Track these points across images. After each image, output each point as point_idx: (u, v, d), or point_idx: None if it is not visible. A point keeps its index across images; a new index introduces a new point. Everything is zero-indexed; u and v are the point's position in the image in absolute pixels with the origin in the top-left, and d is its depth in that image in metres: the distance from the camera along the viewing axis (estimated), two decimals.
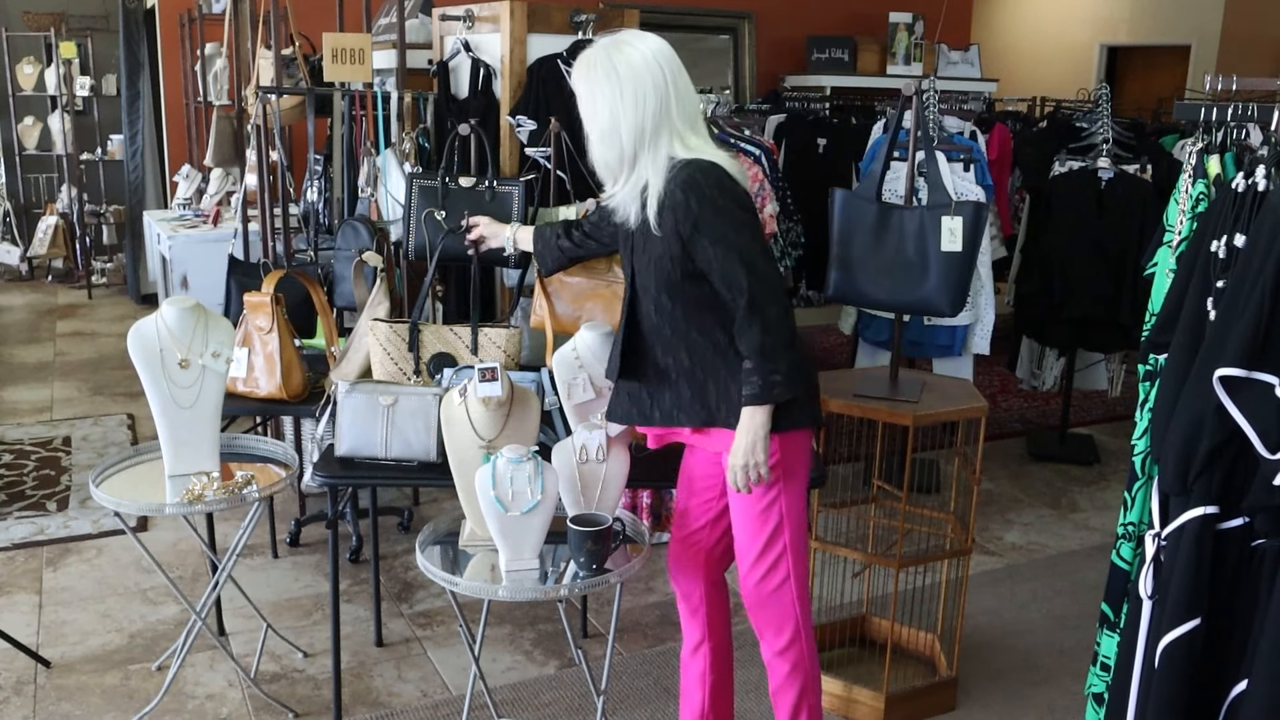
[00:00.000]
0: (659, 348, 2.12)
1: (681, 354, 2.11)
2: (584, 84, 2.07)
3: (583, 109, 2.09)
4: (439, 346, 2.58)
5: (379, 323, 2.61)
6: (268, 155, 3.88)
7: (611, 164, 2.08)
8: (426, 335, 2.59)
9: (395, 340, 2.59)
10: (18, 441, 4.80)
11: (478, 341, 2.58)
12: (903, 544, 2.78)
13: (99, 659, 3.01)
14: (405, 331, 2.58)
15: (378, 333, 2.60)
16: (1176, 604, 1.77)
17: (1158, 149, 4.94)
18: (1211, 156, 2.03)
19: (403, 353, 2.58)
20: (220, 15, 5.63)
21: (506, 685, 2.92)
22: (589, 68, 2.05)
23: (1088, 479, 4.68)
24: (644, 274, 2.11)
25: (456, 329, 2.60)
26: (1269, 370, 1.63)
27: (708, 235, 2.01)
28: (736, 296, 2.01)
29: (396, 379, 2.56)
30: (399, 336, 2.58)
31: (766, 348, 2.00)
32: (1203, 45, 8.10)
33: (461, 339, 2.59)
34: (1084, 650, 3.07)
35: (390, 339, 2.58)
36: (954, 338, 4.27)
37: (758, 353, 2.01)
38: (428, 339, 2.58)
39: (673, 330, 2.10)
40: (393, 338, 2.58)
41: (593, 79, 2.05)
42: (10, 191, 8.84)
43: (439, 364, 2.56)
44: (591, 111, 2.07)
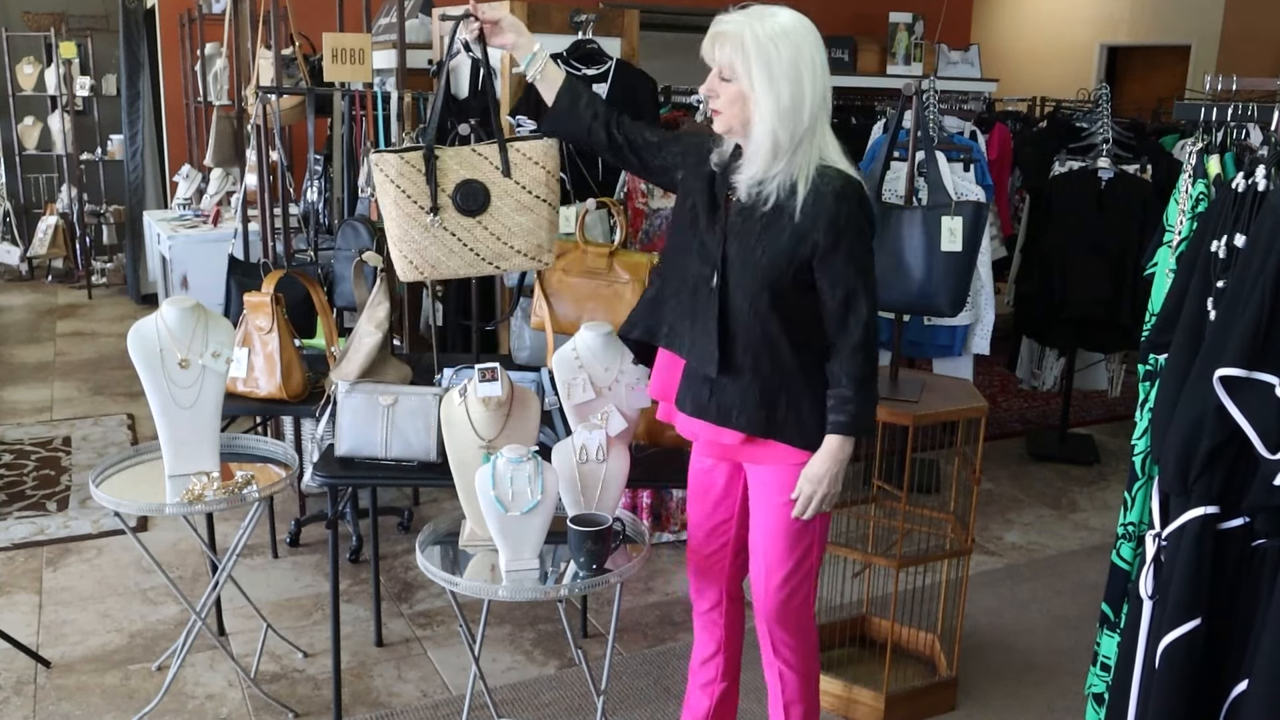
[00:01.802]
0: (740, 345, 2.02)
1: (764, 359, 2.02)
2: (766, 53, 1.90)
3: (756, 77, 1.91)
4: (464, 173, 2.23)
5: (385, 154, 2.23)
6: (268, 155, 3.88)
7: (782, 144, 1.92)
8: (447, 161, 2.24)
9: (409, 173, 2.22)
10: (18, 441, 4.80)
11: (509, 160, 2.26)
12: (903, 544, 2.78)
13: (99, 659, 3.01)
14: (420, 161, 2.22)
15: (386, 167, 2.22)
16: (1177, 604, 1.77)
17: (1158, 149, 4.94)
18: (1211, 156, 2.03)
19: (420, 187, 2.22)
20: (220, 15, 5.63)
21: (506, 685, 2.92)
22: (778, 36, 1.91)
23: (1088, 479, 4.68)
24: (746, 265, 1.98)
25: (481, 148, 2.27)
26: (1269, 370, 1.63)
27: (845, 254, 1.94)
28: (852, 324, 1.96)
29: (416, 219, 2.23)
30: (413, 168, 2.21)
31: (867, 380, 1.98)
32: (1203, 45, 8.10)
33: (489, 160, 2.26)
34: (1084, 650, 3.07)
35: (404, 172, 2.21)
36: (954, 338, 4.27)
37: (858, 383, 1.97)
38: (449, 165, 2.23)
39: (764, 332, 2.00)
40: (406, 170, 2.21)
41: (777, 51, 1.90)
42: (10, 191, 8.84)
43: (468, 195, 2.23)
44: (768, 83, 1.90)
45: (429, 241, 2.26)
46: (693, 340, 2.07)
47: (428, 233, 2.25)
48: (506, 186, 2.26)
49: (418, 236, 2.25)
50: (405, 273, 2.29)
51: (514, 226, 2.28)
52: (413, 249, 2.26)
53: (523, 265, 2.32)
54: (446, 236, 2.26)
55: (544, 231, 2.31)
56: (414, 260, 2.27)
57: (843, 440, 2.00)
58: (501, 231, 2.28)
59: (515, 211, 2.27)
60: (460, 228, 2.27)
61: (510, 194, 2.27)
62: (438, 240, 2.26)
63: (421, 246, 2.26)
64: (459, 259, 2.27)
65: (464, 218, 2.26)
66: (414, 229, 2.25)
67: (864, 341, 1.98)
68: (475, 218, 2.26)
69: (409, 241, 2.25)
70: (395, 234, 2.26)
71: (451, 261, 2.27)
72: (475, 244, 2.27)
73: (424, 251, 2.27)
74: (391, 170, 2.23)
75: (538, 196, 2.29)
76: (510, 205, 2.27)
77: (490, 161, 2.27)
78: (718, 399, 2.07)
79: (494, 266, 2.30)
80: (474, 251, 2.28)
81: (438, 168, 2.24)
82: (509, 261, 2.31)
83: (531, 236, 2.30)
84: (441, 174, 2.24)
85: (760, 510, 2.15)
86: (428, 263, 2.27)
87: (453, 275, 2.30)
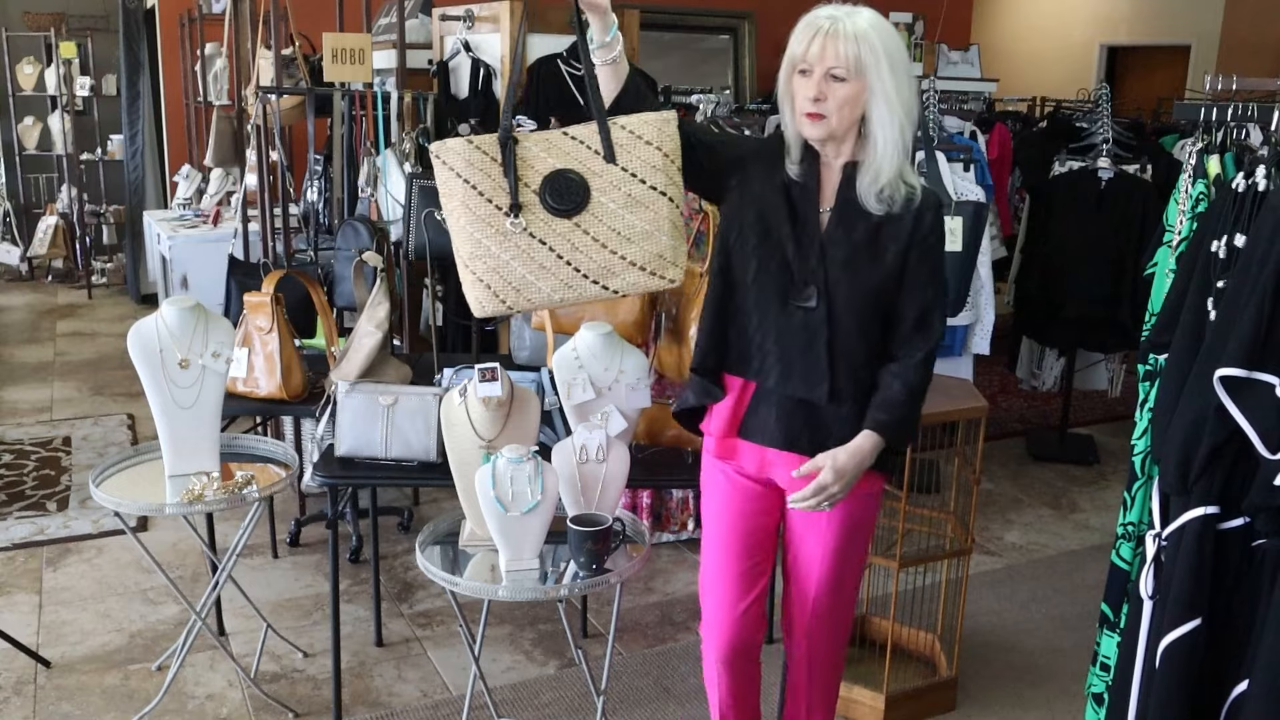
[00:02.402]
0: (844, 369, 1.88)
1: (865, 382, 1.90)
2: (890, 48, 1.79)
3: (886, 74, 1.78)
4: (553, 161, 1.75)
5: (451, 146, 1.77)
6: (268, 155, 3.88)
7: (908, 147, 1.84)
8: (530, 148, 1.75)
9: (481, 163, 1.75)
10: (18, 441, 4.80)
11: (612, 141, 1.76)
12: (903, 544, 2.78)
13: (99, 659, 3.01)
14: (494, 147, 1.75)
15: (450, 157, 1.76)
16: (1177, 604, 1.77)
17: (1158, 149, 4.94)
18: (1211, 156, 2.03)
19: (495, 181, 1.73)
20: (220, 15, 5.63)
21: (506, 685, 2.92)
22: (890, 32, 1.81)
23: (1088, 479, 4.67)
24: (854, 284, 1.85)
25: (575, 129, 1.79)
26: (1269, 370, 1.63)
27: (930, 269, 1.88)
28: (922, 339, 1.89)
29: (490, 222, 1.72)
30: (486, 156, 1.74)
31: (920, 393, 1.91)
32: (1203, 45, 8.10)
33: (585, 143, 1.77)
34: (1084, 650, 3.07)
35: (474, 164, 1.74)
36: (954, 338, 4.27)
37: (912, 393, 1.89)
38: (532, 153, 1.75)
39: (867, 358, 1.89)
40: (479, 160, 1.74)
41: (898, 46, 1.81)
42: (10, 191, 8.84)
43: (560, 189, 1.75)
44: (894, 80, 1.79)
45: (510, 254, 1.72)
46: (788, 365, 1.89)
47: (507, 241, 1.72)
48: (611, 176, 1.74)
49: (494, 248, 1.72)
50: (482, 303, 1.76)
51: (624, 228, 1.74)
52: (488, 266, 1.72)
53: (640, 283, 1.77)
54: (534, 246, 1.73)
55: (664, 235, 1.75)
56: (491, 282, 1.73)
57: (877, 442, 1.89)
58: (608, 236, 1.74)
59: (624, 208, 1.74)
60: (552, 233, 1.74)
61: (617, 185, 1.75)
62: (522, 252, 1.73)
63: (500, 262, 1.71)
64: (553, 277, 1.73)
65: (556, 219, 1.74)
66: (489, 238, 1.72)
67: (930, 357, 1.90)
68: (571, 219, 1.74)
69: (483, 257, 1.73)
70: (465, 249, 1.75)
71: (544, 282, 1.73)
72: (574, 255, 1.73)
73: (503, 269, 1.72)
74: (457, 160, 1.75)
75: (653, 187, 1.75)
76: (617, 200, 1.74)
77: (587, 145, 1.76)
78: (812, 428, 1.92)
79: (600, 286, 1.74)
80: (572, 266, 1.73)
81: (518, 156, 1.74)
82: (620, 278, 1.75)
83: (648, 242, 1.75)
84: (524, 165, 1.74)
85: (828, 545, 2.01)
86: (509, 284, 1.72)
87: (546, 303, 1.77)
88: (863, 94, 1.79)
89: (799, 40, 1.82)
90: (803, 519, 2.02)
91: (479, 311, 1.76)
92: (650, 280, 1.77)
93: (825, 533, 2.01)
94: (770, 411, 1.95)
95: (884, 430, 1.88)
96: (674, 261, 1.77)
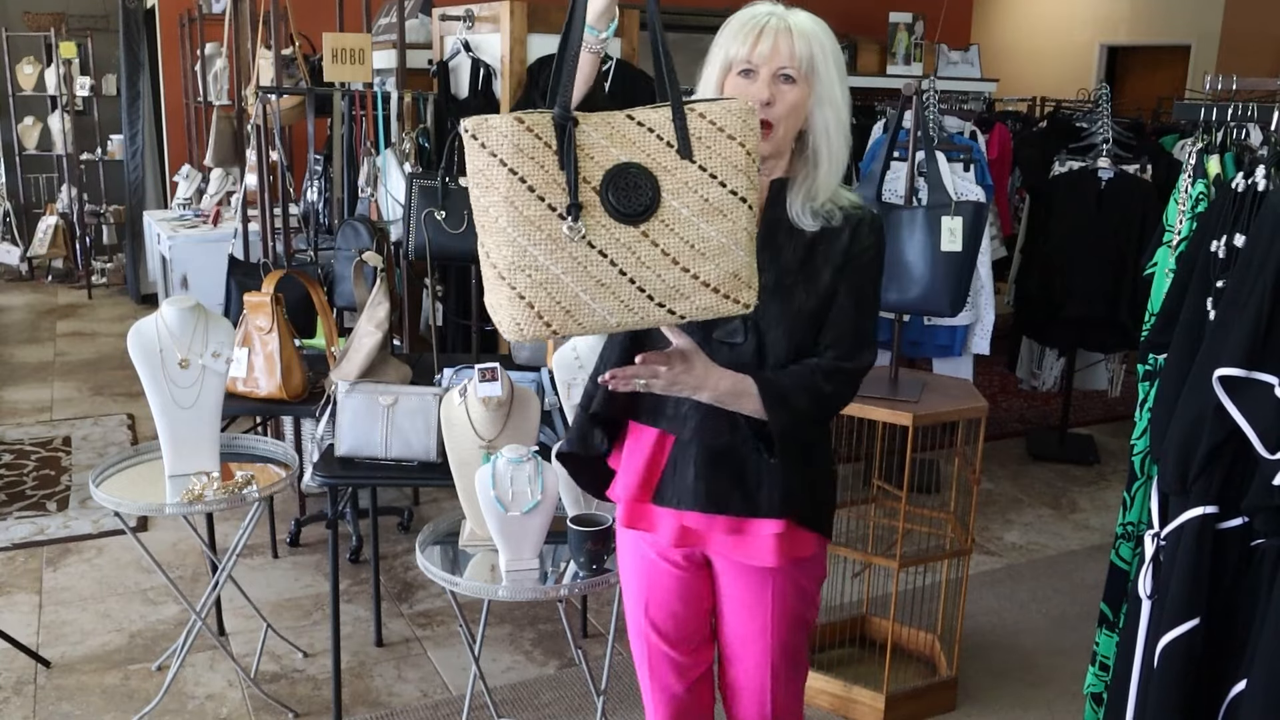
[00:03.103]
0: None
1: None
2: (835, 49, 1.61)
3: (834, 76, 1.59)
4: (617, 152, 1.40)
5: (496, 125, 1.36)
6: (268, 155, 3.88)
7: (845, 160, 1.64)
8: (590, 133, 1.39)
9: (535, 150, 1.37)
10: (18, 441, 4.80)
11: (688, 133, 1.42)
12: (903, 544, 2.78)
13: (99, 659, 3.01)
14: (548, 129, 1.38)
15: (493, 139, 1.36)
16: (1176, 604, 1.77)
17: (1158, 149, 4.94)
18: (1211, 156, 2.03)
19: (549, 174, 1.37)
20: (220, 15, 5.63)
21: (506, 685, 2.92)
22: (824, 38, 1.60)
23: (1087, 479, 4.67)
24: (785, 313, 1.60)
25: (642, 113, 1.43)
26: (1269, 370, 1.63)
27: (856, 288, 1.62)
28: (833, 351, 1.61)
29: (542, 227, 1.36)
30: (540, 141, 1.37)
31: (816, 397, 1.59)
32: (1203, 45, 8.10)
33: (655, 131, 1.42)
34: (1083, 650, 3.07)
35: (523, 149, 1.36)
36: (954, 338, 4.27)
37: (809, 388, 1.59)
38: (593, 139, 1.39)
39: None
40: (529, 145, 1.36)
41: (836, 47, 1.62)
42: (10, 191, 8.84)
43: (625, 188, 1.39)
44: (840, 83, 1.60)
45: (563, 266, 1.35)
46: (710, 411, 1.60)
47: (560, 251, 1.35)
48: (686, 175, 1.41)
49: (543, 258, 1.35)
50: (521, 325, 1.36)
51: (698, 240, 1.40)
52: (534, 280, 1.35)
53: (711, 307, 1.41)
54: (592, 258, 1.36)
55: (741, 250, 1.41)
56: (536, 300, 1.35)
57: (751, 389, 1.55)
58: (679, 249, 1.39)
59: (700, 216, 1.40)
60: (614, 243, 1.37)
61: (692, 187, 1.41)
62: (577, 264, 1.35)
63: (549, 276, 1.35)
64: (612, 297, 1.37)
65: (620, 226, 1.38)
66: (537, 245, 1.35)
67: (841, 372, 1.61)
68: (638, 226, 1.39)
69: (529, 269, 1.35)
70: (504, 258, 1.35)
71: (601, 303, 1.36)
72: (639, 270, 1.38)
73: (553, 285, 1.35)
74: (503, 144, 1.35)
75: (733, 191, 1.41)
76: (692, 205, 1.40)
77: (658, 135, 1.41)
78: (743, 485, 1.64)
79: (665, 310, 1.39)
80: (636, 284, 1.38)
81: (577, 143, 1.37)
82: (689, 301, 1.40)
83: (724, 258, 1.40)
84: (583, 156, 1.38)
85: (764, 617, 1.74)
86: (559, 304, 1.35)
87: (599, 327, 1.40)
88: (808, 100, 1.57)
89: (739, 38, 1.58)
90: (737, 599, 1.74)
91: (515, 336, 1.35)
92: (723, 304, 1.40)
93: (765, 613, 1.73)
94: (689, 469, 1.65)
95: (765, 386, 1.55)
96: (749, 283, 1.41)
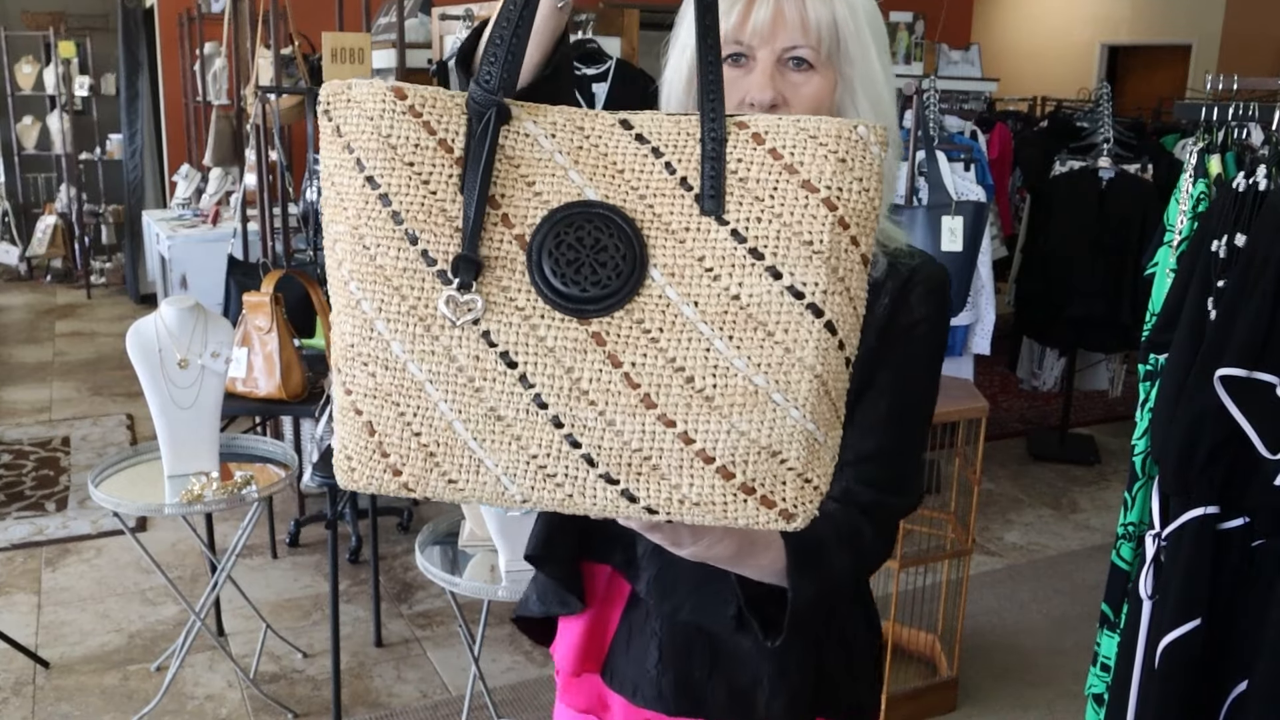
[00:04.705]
0: None
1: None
2: (852, 21, 1.02)
3: (873, 51, 1.03)
4: (582, 185, 0.76)
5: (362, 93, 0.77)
6: (267, 155, 3.88)
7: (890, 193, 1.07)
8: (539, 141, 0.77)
9: (423, 153, 0.76)
10: (16, 442, 4.80)
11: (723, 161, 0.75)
12: (903, 544, 2.77)
13: (98, 659, 3.00)
14: (453, 122, 0.76)
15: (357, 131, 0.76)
16: (1177, 604, 1.76)
17: (1159, 148, 4.94)
18: (1212, 156, 2.03)
19: (439, 199, 0.75)
20: (219, 14, 5.63)
21: (506, 685, 2.92)
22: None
23: (1088, 479, 4.67)
24: None
25: (641, 123, 0.77)
26: (1269, 370, 1.63)
27: (906, 381, 1.05)
28: (879, 486, 1.03)
29: (404, 287, 0.74)
30: (435, 140, 0.76)
31: (862, 558, 1.02)
32: (1204, 45, 8.10)
33: (665, 154, 0.76)
34: (1084, 650, 3.06)
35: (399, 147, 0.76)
36: (954, 338, 4.27)
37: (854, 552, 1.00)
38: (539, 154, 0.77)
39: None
40: (409, 141, 0.76)
41: (871, 21, 1.04)
42: (9, 191, 8.84)
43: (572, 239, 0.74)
44: (881, 62, 1.04)
45: (431, 372, 0.75)
46: (672, 566, 1.07)
47: (431, 342, 0.75)
48: (705, 243, 0.75)
49: (400, 350, 0.75)
50: (350, 458, 0.78)
51: (703, 369, 0.73)
52: (378, 387, 0.76)
53: (717, 506, 0.74)
54: (490, 366, 0.74)
55: (797, 408, 0.73)
56: (380, 422, 0.76)
57: (780, 542, 0.93)
58: (661, 379, 0.73)
59: (716, 324, 0.74)
60: (536, 346, 0.74)
61: (711, 266, 0.74)
62: (458, 374, 0.75)
63: (406, 384, 0.75)
64: (515, 448, 0.74)
65: (555, 317, 0.74)
66: (395, 324, 0.75)
67: (884, 523, 1.04)
68: (588, 322, 0.74)
69: (373, 362, 0.76)
70: (345, 332, 0.77)
71: (494, 454, 0.75)
72: (575, 407, 0.74)
73: (409, 399, 0.75)
74: (364, 131, 0.77)
75: (797, 289, 0.74)
76: (705, 301, 0.74)
77: (666, 160, 0.77)
78: (725, 675, 1.09)
79: (619, 490, 0.73)
80: (565, 429, 0.74)
81: (506, 155, 0.76)
82: (671, 483, 0.74)
83: (758, 417, 0.73)
84: (511, 172, 0.76)
85: None
86: (417, 439, 0.76)
87: (491, 496, 0.76)
88: (833, 94, 1.02)
89: (722, 5, 0.94)
90: None
91: (343, 480, 0.78)
92: (740, 505, 0.73)
93: None
94: (648, 646, 1.12)
95: (798, 559, 0.93)
96: (804, 474, 0.74)
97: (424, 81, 4.47)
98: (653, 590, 1.10)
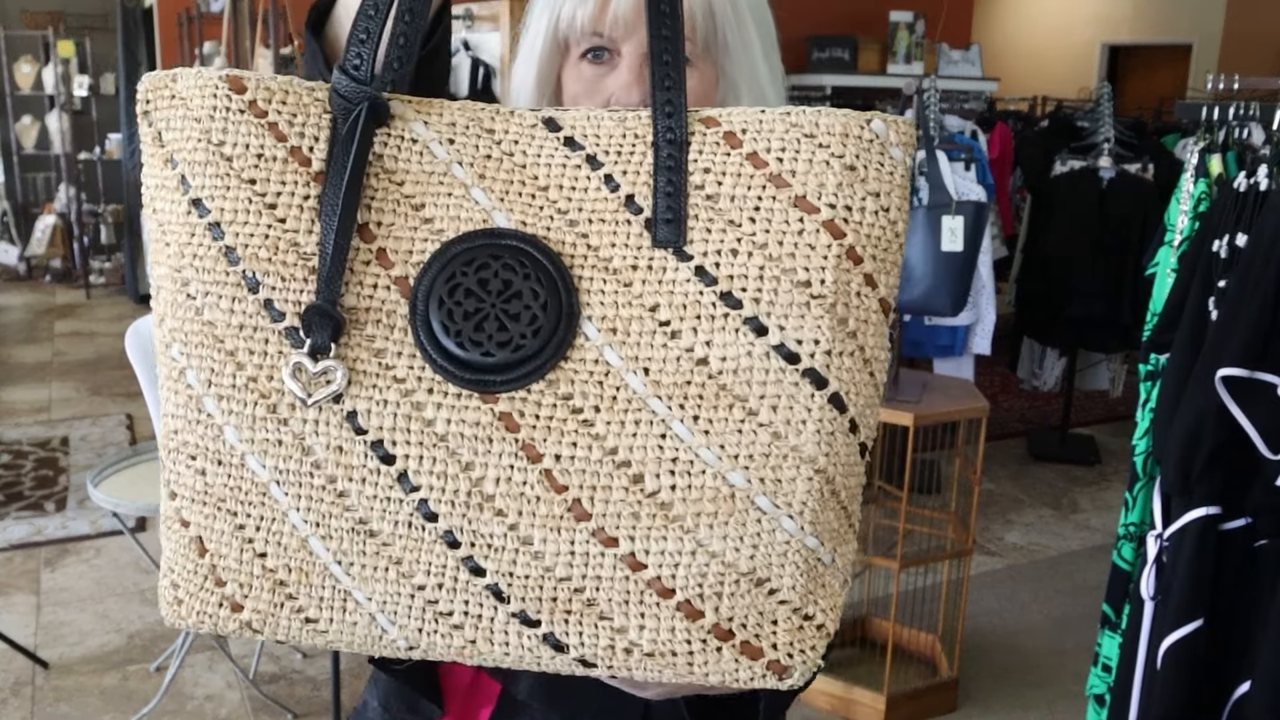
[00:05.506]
0: None
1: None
2: (730, 8, 0.86)
3: (734, 57, 0.85)
4: (490, 208, 0.56)
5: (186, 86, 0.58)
6: None
7: None
8: (430, 147, 0.57)
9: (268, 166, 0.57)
10: (15, 442, 4.79)
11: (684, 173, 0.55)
12: (903, 544, 2.77)
13: (97, 660, 3.00)
14: (312, 119, 0.57)
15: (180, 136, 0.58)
16: (1178, 605, 1.76)
17: (1159, 148, 4.93)
18: (1213, 156, 2.03)
19: (287, 228, 0.55)
20: (219, 14, 5.62)
21: None
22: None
23: (1089, 479, 4.67)
24: None
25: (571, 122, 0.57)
26: (1271, 370, 1.62)
27: None
28: None
29: (242, 348, 0.55)
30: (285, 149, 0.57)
31: None
32: (1204, 44, 8.10)
33: (603, 165, 0.57)
34: (1085, 651, 3.06)
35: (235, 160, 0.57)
36: (955, 338, 4.26)
37: None
38: (430, 164, 0.57)
39: None
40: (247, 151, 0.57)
41: (754, 8, 0.88)
42: (8, 191, 8.84)
43: (473, 283, 0.54)
44: (755, 77, 0.87)
45: (277, 469, 0.55)
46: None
47: (279, 427, 0.55)
48: (659, 289, 0.54)
49: (235, 439, 0.56)
50: (177, 586, 0.59)
51: (656, 462, 0.53)
52: (208, 489, 0.57)
53: (673, 657, 0.55)
54: (357, 460, 0.54)
55: (794, 518, 0.53)
56: (210, 537, 0.57)
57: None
58: (595, 476, 0.53)
59: (676, 400, 0.54)
60: (417, 430, 0.54)
61: (668, 321, 0.55)
62: (313, 470, 0.55)
63: (244, 484, 0.56)
64: (394, 573, 0.55)
65: (444, 391, 0.54)
66: (226, 402, 0.56)
67: None
68: (494, 396, 0.54)
69: (197, 454, 0.57)
70: (165, 413, 0.58)
71: (366, 583, 0.55)
72: (476, 520, 0.54)
73: (250, 507, 0.56)
74: (189, 137, 0.58)
75: (789, 350, 0.54)
76: (661, 369, 0.54)
77: (605, 172, 0.57)
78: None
79: (541, 637, 0.55)
80: (463, 548, 0.54)
81: (384, 165, 0.57)
82: (611, 625, 0.54)
83: (736, 530, 0.53)
84: (392, 190, 0.56)
85: None
86: (260, 562, 0.56)
87: (361, 642, 0.57)
88: (714, 92, 0.87)
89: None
90: None
91: (168, 615, 0.60)
92: (713, 659, 0.55)
93: None
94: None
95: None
96: (803, 607, 0.55)
97: None
98: (539, 695, 0.82)
